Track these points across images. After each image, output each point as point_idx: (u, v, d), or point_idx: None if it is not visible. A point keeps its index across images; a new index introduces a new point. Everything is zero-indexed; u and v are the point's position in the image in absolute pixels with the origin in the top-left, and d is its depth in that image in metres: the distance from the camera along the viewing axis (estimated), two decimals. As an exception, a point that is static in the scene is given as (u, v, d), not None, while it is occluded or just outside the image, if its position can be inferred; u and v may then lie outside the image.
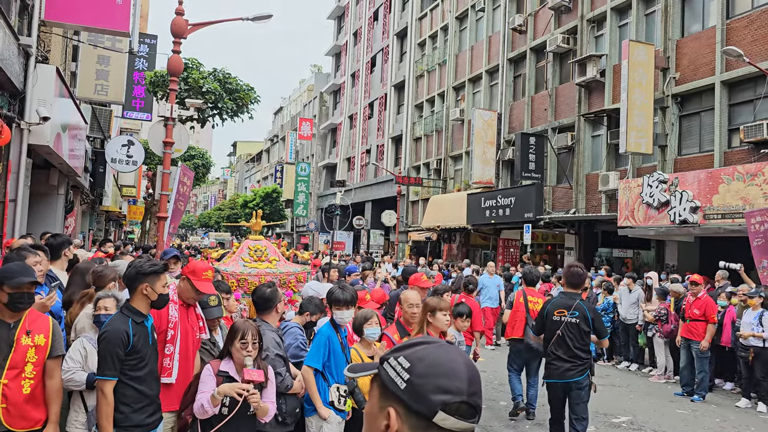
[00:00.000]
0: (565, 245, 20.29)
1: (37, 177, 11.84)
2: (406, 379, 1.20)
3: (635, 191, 15.35)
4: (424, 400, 1.18)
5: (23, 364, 3.46)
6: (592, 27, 19.40)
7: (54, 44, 11.98)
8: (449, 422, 1.17)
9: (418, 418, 1.18)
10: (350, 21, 43.40)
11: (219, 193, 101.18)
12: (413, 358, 1.22)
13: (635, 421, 7.98)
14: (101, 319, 4.03)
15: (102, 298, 4.22)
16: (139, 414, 3.55)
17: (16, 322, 3.50)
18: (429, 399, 1.17)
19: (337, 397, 4.44)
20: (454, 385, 1.19)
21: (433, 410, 1.17)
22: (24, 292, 3.46)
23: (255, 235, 6.91)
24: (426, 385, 1.18)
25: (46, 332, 3.57)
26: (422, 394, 1.18)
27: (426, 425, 1.18)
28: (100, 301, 4.20)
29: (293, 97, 63.46)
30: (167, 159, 11.23)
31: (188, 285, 4.16)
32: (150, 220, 26.27)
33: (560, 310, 5.99)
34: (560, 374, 5.92)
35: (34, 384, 3.47)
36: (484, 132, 23.09)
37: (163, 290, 3.71)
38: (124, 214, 33.04)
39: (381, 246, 33.89)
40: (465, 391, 1.19)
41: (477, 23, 26.56)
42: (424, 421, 1.18)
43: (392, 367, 1.23)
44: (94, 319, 4.08)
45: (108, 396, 3.43)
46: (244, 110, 19.02)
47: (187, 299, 4.21)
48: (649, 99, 15.91)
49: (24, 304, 3.50)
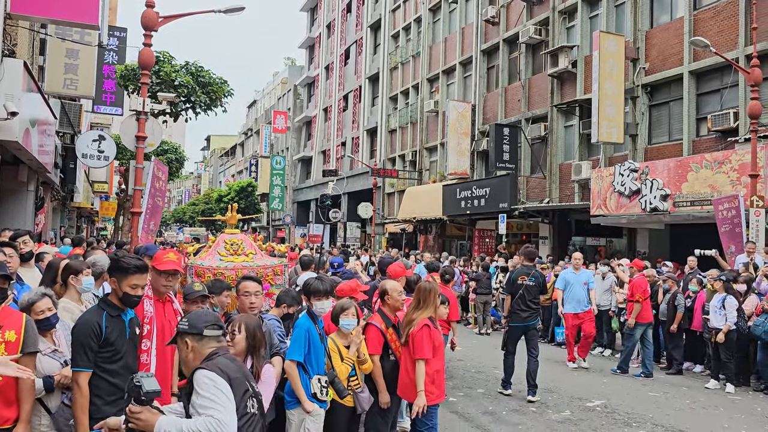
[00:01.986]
0: (540, 234, 20.55)
1: (6, 173, 11.63)
2: (187, 324, 2.81)
3: (607, 180, 15.60)
4: (196, 327, 2.78)
5: None
6: (563, 18, 19.60)
7: (21, 38, 11.73)
8: (210, 332, 2.79)
9: (197, 336, 2.78)
10: (323, 13, 43.16)
11: (193, 188, 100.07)
12: (188, 317, 2.88)
13: (609, 405, 8.16)
14: (51, 321, 3.88)
15: (36, 302, 3.86)
16: (111, 407, 3.52)
17: None
18: (199, 326, 2.79)
19: (319, 389, 4.47)
20: (208, 318, 2.86)
21: (201, 329, 2.78)
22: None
23: (231, 228, 6.88)
24: (196, 322, 2.81)
25: (17, 328, 3.52)
26: (195, 325, 2.79)
27: (201, 337, 2.77)
28: (34, 306, 3.84)
29: (267, 90, 62.95)
30: (140, 153, 11.10)
31: (153, 272, 4.11)
32: (123, 216, 25.93)
33: (522, 276, 8.45)
34: (522, 320, 8.35)
35: (2, 381, 3.42)
36: (458, 123, 23.22)
37: (130, 290, 3.57)
38: (96, 211, 32.51)
39: (357, 238, 33.93)
40: (212, 321, 2.83)
41: (450, 15, 26.64)
42: (199, 336, 2.77)
43: (180, 325, 2.85)
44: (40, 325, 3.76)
45: (82, 387, 3.40)
46: (217, 104, 18.85)
47: (158, 289, 4.16)
48: (620, 89, 16.16)
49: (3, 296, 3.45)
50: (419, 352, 4.88)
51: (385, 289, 5.34)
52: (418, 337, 4.91)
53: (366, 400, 4.90)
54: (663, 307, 10.68)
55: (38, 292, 3.99)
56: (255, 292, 4.45)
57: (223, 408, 2.51)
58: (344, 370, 4.70)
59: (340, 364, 4.70)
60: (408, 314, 5.13)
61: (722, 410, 8.09)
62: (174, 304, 4.36)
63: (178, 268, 4.23)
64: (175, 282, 4.33)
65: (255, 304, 4.44)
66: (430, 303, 5.10)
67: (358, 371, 4.85)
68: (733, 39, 14.21)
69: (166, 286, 4.20)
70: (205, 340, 2.75)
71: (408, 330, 4.99)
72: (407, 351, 5.00)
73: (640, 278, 10.41)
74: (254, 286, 4.49)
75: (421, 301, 5.12)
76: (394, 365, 5.17)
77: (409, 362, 4.99)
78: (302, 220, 43.93)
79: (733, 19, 14.29)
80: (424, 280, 5.61)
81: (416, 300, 5.17)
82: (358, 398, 4.85)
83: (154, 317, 4.08)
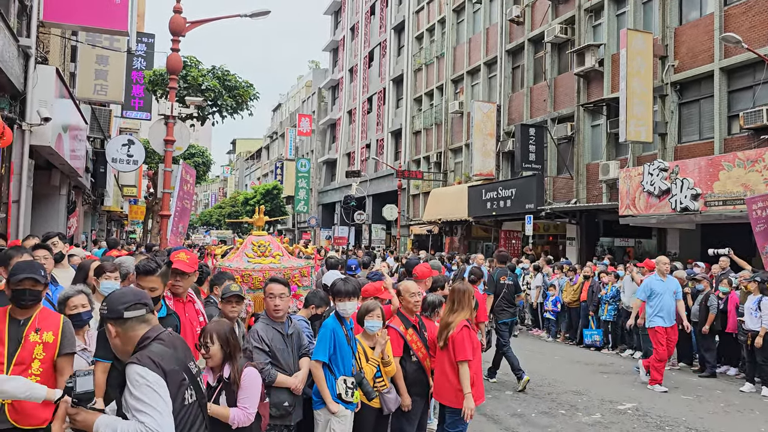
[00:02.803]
0: (567, 235, 20.32)
1: (40, 178, 11.86)
2: (106, 309, 2.57)
3: (636, 180, 15.37)
4: (115, 311, 2.54)
5: (30, 360, 3.49)
6: (589, 16, 19.38)
7: (53, 45, 11.98)
8: (132, 313, 2.53)
9: (118, 320, 2.53)
10: (347, 16, 43.31)
11: (219, 191, 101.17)
12: (107, 300, 2.62)
13: (640, 408, 8.03)
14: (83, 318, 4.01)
15: (71, 297, 4.07)
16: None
17: (26, 319, 3.54)
18: (117, 309, 2.54)
19: (344, 389, 4.47)
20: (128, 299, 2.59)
21: (121, 312, 2.53)
22: (25, 289, 3.49)
23: (258, 230, 6.93)
24: (115, 305, 2.56)
25: (55, 330, 3.59)
26: (114, 309, 2.54)
27: (123, 320, 2.53)
28: (69, 301, 4.05)
29: (292, 93, 63.38)
30: (168, 157, 11.26)
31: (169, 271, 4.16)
32: (152, 219, 26.31)
33: (503, 277, 9.61)
34: (510, 315, 9.53)
35: (40, 381, 3.47)
36: (483, 124, 23.10)
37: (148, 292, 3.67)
38: (125, 214, 33.07)
39: (383, 240, 33.94)
40: (134, 300, 2.58)
41: (474, 15, 26.53)
42: (120, 320, 2.53)
43: (101, 310, 2.64)
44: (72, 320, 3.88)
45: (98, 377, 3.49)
46: (243, 107, 18.99)
47: (172, 287, 4.22)
48: (648, 87, 15.91)
49: (25, 301, 3.52)
50: (461, 354, 4.84)
51: (399, 290, 5.33)
52: (459, 338, 4.87)
53: (393, 400, 4.88)
54: (695, 308, 10.48)
55: (76, 289, 4.11)
56: (280, 294, 4.45)
57: (156, 412, 2.34)
58: (369, 371, 4.70)
59: (366, 365, 4.70)
60: (444, 317, 5.10)
61: (758, 414, 7.90)
62: (195, 304, 4.40)
63: (185, 269, 4.24)
64: (186, 283, 4.34)
65: (279, 306, 4.45)
66: (466, 304, 5.06)
67: (383, 372, 4.84)
68: (766, 34, 13.89)
69: (175, 286, 4.24)
70: (129, 323, 2.52)
71: (446, 333, 4.95)
72: (446, 354, 4.97)
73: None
74: (279, 289, 4.47)
75: (455, 302, 5.08)
76: (417, 366, 5.14)
77: (447, 365, 4.95)
78: (327, 222, 44.10)
79: (766, 14, 13.97)
80: (458, 282, 5.56)
81: (451, 302, 5.13)
82: (385, 399, 4.84)
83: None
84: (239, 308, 4.77)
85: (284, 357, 4.42)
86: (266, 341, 4.36)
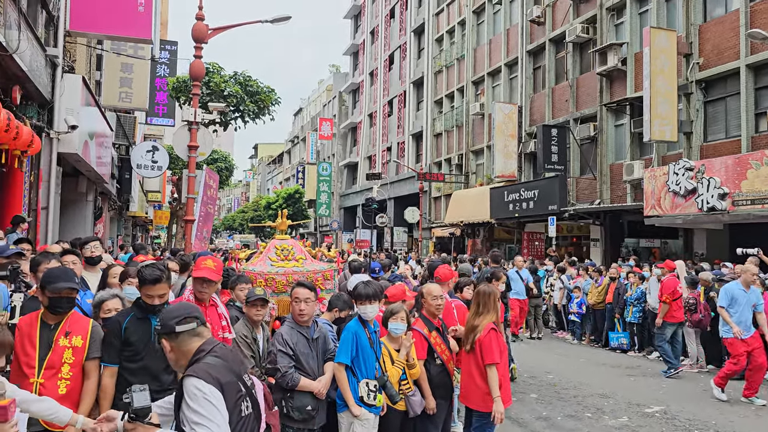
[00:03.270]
0: (591, 236, 20.12)
1: (67, 185, 12.08)
2: (160, 325, 2.61)
3: (661, 180, 15.16)
4: (167, 326, 2.57)
5: (60, 364, 3.55)
6: (611, 15, 19.18)
7: (79, 54, 12.21)
8: (183, 327, 2.55)
9: (171, 335, 2.56)
10: (367, 20, 43.44)
11: (242, 195, 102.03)
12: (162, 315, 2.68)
13: (668, 411, 7.90)
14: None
15: (106, 300, 4.20)
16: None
17: (56, 324, 3.61)
18: (168, 324, 2.56)
19: (366, 392, 4.46)
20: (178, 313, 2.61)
21: (173, 327, 2.55)
22: (63, 297, 3.57)
23: (281, 234, 6.97)
24: (166, 319, 2.59)
25: (84, 334, 3.65)
26: (165, 324, 2.58)
27: (176, 335, 2.56)
28: (104, 304, 4.18)
29: (312, 97, 63.71)
30: (192, 162, 11.39)
31: (193, 278, 4.25)
32: (176, 224, 26.62)
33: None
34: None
35: (70, 385, 3.55)
36: (504, 125, 22.98)
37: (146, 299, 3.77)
38: (150, 219, 33.52)
39: (404, 243, 33.91)
40: (184, 314, 2.59)
41: (494, 16, 26.42)
42: (174, 335, 2.56)
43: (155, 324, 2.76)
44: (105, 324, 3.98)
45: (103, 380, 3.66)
46: (265, 112, 19.17)
47: (197, 293, 4.26)
48: (673, 86, 15.69)
49: (63, 308, 3.60)
50: (489, 357, 4.81)
51: (422, 292, 5.32)
52: (486, 342, 4.84)
53: (418, 403, 4.87)
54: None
55: (111, 293, 4.26)
56: (305, 299, 4.46)
57: (214, 425, 2.32)
58: (395, 374, 4.69)
59: (391, 367, 4.69)
60: (469, 320, 5.07)
61: (791, 417, 7.73)
62: (218, 308, 4.42)
63: (211, 277, 4.26)
64: (211, 290, 4.36)
65: (304, 311, 4.47)
66: (491, 307, 5.02)
67: (408, 375, 4.84)
68: (794, 30, 13.63)
69: (201, 292, 4.28)
70: (181, 337, 2.54)
71: (473, 336, 4.92)
72: (472, 357, 4.94)
73: (670, 279, 10.60)
74: (305, 293, 4.47)
75: (481, 305, 5.04)
76: (441, 369, 5.12)
77: (474, 368, 4.93)
78: (349, 225, 44.20)
79: (793, 10, 13.71)
80: (483, 284, 5.52)
81: (476, 305, 5.09)
82: (410, 401, 4.83)
83: None
84: (264, 311, 4.81)
85: (308, 361, 4.43)
86: (290, 345, 4.38)
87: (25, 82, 8.01)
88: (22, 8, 7.57)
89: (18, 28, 7.29)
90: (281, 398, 4.36)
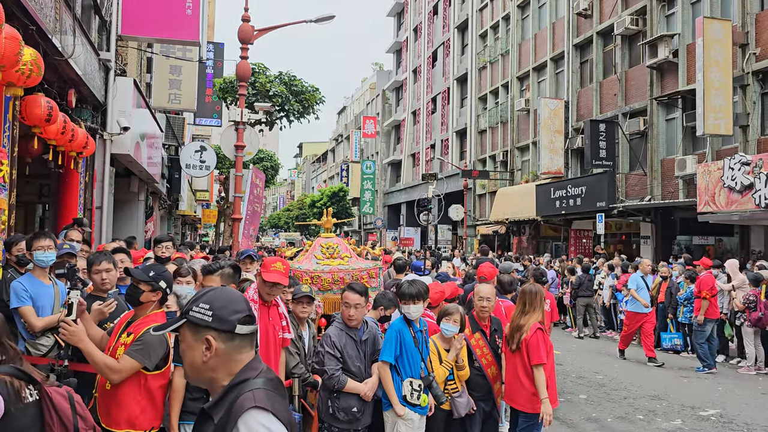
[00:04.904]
0: (641, 234, 19.61)
1: (119, 185, 12.43)
2: (211, 315, 1.80)
3: (715, 175, 14.64)
4: (227, 322, 1.80)
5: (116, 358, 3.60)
6: (662, 6, 18.62)
7: (130, 57, 12.55)
8: (245, 329, 1.82)
9: (226, 333, 1.79)
10: (410, 17, 43.35)
11: (287, 194, 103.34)
12: (209, 302, 1.82)
13: (725, 414, 7.63)
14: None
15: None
16: (196, 403, 3.74)
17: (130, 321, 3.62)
18: (229, 320, 1.80)
19: (409, 392, 4.44)
20: (240, 307, 1.85)
21: (234, 325, 1.80)
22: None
23: (326, 232, 7.01)
24: (225, 313, 1.80)
25: (136, 334, 3.67)
26: (225, 320, 1.80)
27: (232, 336, 1.80)
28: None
29: (356, 96, 63.99)
30: (239, 162, 11.57)
31: (260, 279, 4.25)
32: (224, 222, 27.15)
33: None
34: None
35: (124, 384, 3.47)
36: (550, 121, 22.60)
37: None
38: (198, 218, 34.24)
39: (449, 241, 33.73)
40: (246, 310, 1.85)
41: (539, 10, 26.01)
42: (230, 334, 1.80)
43: (197, 312, 1.81)
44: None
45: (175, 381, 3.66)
46: (310, 111, 19.34)
47: (264, 295, 4.28)
48: (728, 77, 15.14)
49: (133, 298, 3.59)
50: (536, 357, 4.73)
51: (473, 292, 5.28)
52: (533, 342, 4.76)
53: (463, 405, 4.82)
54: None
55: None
56: (355, 304, 4.42)
57: None
58: (441, 373, 4.66)
59: (438, 367, 4.66)
60: (514, 320, 4.99)
61: None
62: (279, 308, 4.42)
63: (282, 281, 4.26)
64: (279, 292, 4.38)
65: (354, 316, 4.45)
66: (537, 306, 4.94)
67: (456, 375, 4.79)
68: None
69: (269, 294, 4.30)
70: (238, 341, 1.81)
71: (519, 336, 4.85)
72: (518, 357, 4.87)
73: (707, 276, 10.72)
74: (355, 299, 4.42)
75: (527, 304, 4.96)
76: (477, 372, 5.04)
77: (520, 368, 4.85)
78: (393, 223, 44.23)
79: None
80: (528, 283, 5.43)
81: (521, 304, 5.02)
82: (455, 403, 4.79)
83: (258, 322, 4.11)
84: (309, 309, 4.83)
85: (355, 363, 4.45)
86: (338, 347, 4.40)
87: (80, 85, 8.26)
88: (77, 14, 7.81)
89: (73, 34, 7.53)
90: (327, 398, 4.39)
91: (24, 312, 4.41)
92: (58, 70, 7.35)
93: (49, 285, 4.65)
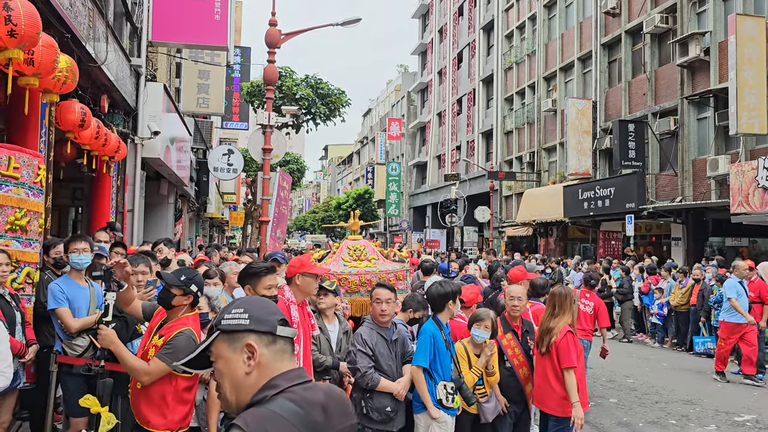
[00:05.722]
0: (672, 235, 19.27)
1: (150, 188, 12.65)
2: (248, 317, 1.66)
3: (749, 175, 14.32)
4: (267, 322, 1.67)
5: (146, 359, 3.63)
6: (692, 3, 18.30)
7: (160, 62, 12.76)
8: (285, 331, 1.69)
9: (267, 335, 1.66)
10: (435, 18, 43.28)
11: (313, 196, 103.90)
12: (242, 306, 1.71)
13: (761, 420, 7.46)
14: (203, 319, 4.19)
15: None
16: None
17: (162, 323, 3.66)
18: (269, 320, 1.68)
19: (444, 395, 4.44)
20: (275, 309, 1.75)
21: (274, 326, 1.67)
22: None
23: (353, 235, 7.03)
24: (263, 313, 1.68)
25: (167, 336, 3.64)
26: (264, 320, 1.67)
27: (274, 338, 1.66)
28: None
29: (381, 98, 64.10)
30: (267, 165, 11.67)
31: (307, 278, 4.13)
32: (251, 224, 27.40)
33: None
34: None
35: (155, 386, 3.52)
36: (578, 121, 22.35)
37: (266, 291, 3.77)
38: (226, 220, 34.63)
39: (475, 243, 33.56)
40: (280, 312, 1.74)
41: (566, 9, 25.75)
42: (271, 336, 1.66)
43: (231, 319, 1.67)
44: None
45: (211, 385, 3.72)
46: (336, 114, 19.43)
47: (310, 293, 4.29)
48: (762, 75, 14.82)
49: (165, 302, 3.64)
50: (566, 360, 4.69)
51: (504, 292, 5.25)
52: (563, 345, 4.72)
53: (490, 411, 4.80)
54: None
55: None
56: (386, 299, 4.47)
57: None
58: (471, 379, 4.64)
59: (468, 372, 4.64)
60: (544, 322, 4.95)
61: None
62: (306, 306, 4.46)
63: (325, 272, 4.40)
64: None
65: (386, 311, 4.48)
66: (567, 309, 4.89)
67: (485, 381, 4.77)
68: None
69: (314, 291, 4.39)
70: (279, 345, 1.67)
71: (549, 339, 4.81)
72: (547, 360, 4.83)
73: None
74: (386, 294, 4.48)
75: (556, 307, 4.92)
76: (509, 373, 5.01)
77: (549, 371, 4.81)
78: (419, 225, 44.18)
79: None
80: (558, 285, 5.39)
81: (551, 306, 4.97)
82: (483, 408, 4.77)
83: (300, 323, 4.02)
84: (327, 300, 4.81)
85: (387, 362, 4.45)
86: (370, 345, 4.41)
87: (112, 91, 8.43)
88: (109, 22, 7.97)
89: (105, 41, 7.68)
90: (360, 398, 4.40)
91: (61, 313, 4.51)
92: (91, 76, 7.51)
93: (85, 287, 4.76)
